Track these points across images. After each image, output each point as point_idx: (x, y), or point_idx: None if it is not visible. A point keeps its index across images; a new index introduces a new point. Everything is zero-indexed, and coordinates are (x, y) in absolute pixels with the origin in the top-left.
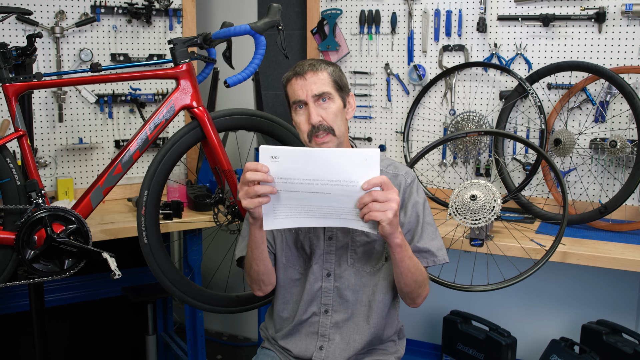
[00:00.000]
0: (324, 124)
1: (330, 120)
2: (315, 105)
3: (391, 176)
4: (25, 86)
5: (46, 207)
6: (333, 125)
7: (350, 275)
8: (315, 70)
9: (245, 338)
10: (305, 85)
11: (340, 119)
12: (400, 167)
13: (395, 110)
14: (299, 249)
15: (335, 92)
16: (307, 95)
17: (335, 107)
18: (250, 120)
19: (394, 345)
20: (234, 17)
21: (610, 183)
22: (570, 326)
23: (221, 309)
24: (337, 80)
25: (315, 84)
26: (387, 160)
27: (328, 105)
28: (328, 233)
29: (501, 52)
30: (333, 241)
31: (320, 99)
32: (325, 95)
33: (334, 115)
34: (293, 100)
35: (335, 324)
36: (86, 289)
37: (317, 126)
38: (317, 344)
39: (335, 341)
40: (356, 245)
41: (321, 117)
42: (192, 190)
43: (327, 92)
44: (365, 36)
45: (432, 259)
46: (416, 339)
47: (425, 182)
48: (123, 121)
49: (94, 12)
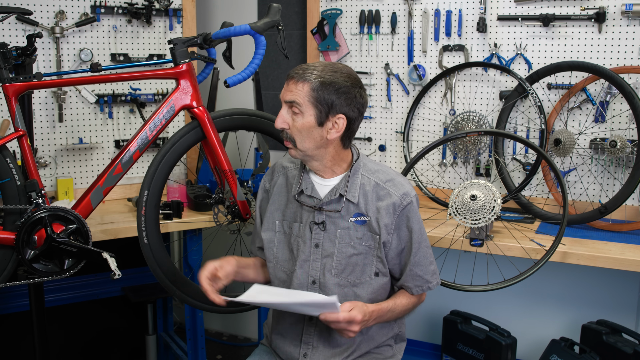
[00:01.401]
0: (287, 132)
1: (293, 131)
2: (288, 110)
3: (385, 193)
4: (25, 86)
5: (46, 207)
6: (295, 137)
7: (334, 286)
8: (298, 80)
9: (245, 338)
10: (287, 88)
11: (307, 135)
12: (399, 186)
13: (395, 110)
14: (290, 252)
15: (311, 107)
16: (283, 97)
17: (301, 121)
18: (250, 120)
19: (390, 349)
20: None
21: (610, 183)
22: (570, 326)
23: (221, 309)
24: (319, 97)
25: (291, 92)
26: (389, 175)
27: (296, 117)
28: (314, 240)
29: (501, 52)
30: (319, 249)
31: (292, 107)
32: (295, 107)
33: (298, 129)
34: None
35: (319, 332)
36: (86, 289)
37: (282, 131)
38: (301, 352)
39: (319, 349)
40: (342, 255)
41: (287, 124)
42: (192, 190)
43: (297, 102)
44: (365, 36)
45: (426, 285)
46: (416, 339)
47: (425, 182)
48: (123, 121)
49: (94, 12)
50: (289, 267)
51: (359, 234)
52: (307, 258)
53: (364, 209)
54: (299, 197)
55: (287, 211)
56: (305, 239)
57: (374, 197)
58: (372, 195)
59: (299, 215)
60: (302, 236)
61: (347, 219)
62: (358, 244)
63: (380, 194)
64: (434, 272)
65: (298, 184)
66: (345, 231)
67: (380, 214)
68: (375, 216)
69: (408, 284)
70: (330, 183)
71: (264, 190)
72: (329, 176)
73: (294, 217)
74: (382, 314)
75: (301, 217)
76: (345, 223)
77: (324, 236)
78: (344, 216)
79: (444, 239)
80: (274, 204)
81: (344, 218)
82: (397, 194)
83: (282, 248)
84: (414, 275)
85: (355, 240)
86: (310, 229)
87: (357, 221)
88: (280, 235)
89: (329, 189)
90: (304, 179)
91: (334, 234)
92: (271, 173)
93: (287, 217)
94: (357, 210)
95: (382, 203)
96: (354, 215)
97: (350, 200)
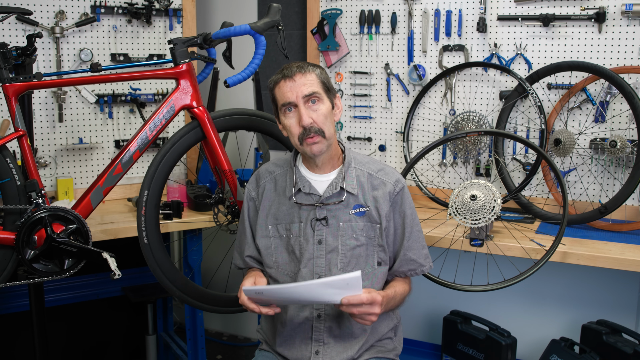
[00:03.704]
0: (315, 126)
1: (320, 122)
2: (306, 107)
3: (379, 182)
4: (25, 86)
5: (46, 207)
6: (323, 127)
7: None
8: (303, 72)
9: (245, 338)
10: (295, 87)
11: (330, 120)
12: (390, 174)
13: (395, 110)
14: (290, 254)
15: (324, 93)
16: (297, 96)
17: (324, 108)
18: (250, 120)
19: (391, 342)
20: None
21: (610, 183)
22: (570, 326)
23: (221, 309)
24: (325, 82)
25: (305, 85)
26: (378, 165)
27: (318, 107)
28: (317, 237)
29: (501, 52)
30: (323, 245)
31: (310, 100)
32: (314, 96)
33: (324, 117)
34: (282, 102)
35: (329, 328)
36: (86, 289)
37: (309, 128)
38: (312, 349)
39: (331, 345)
40: (346, 248)
41: (312, 119)
42: (192, 190)
43: (317, 92)
44: (365, 36)
45: (420, 269)
46: (416, 339)
47: (425, 182)
48: (123, 121)
49: (94, 12)
50: (292, 269)
51: (360, 225)
52: (311, 256)
53: (363, 199)
54: (296, 197)
55: (279, 214)
56: (308, 237)
57: (369, 187)
58: (368, 185)
59: (297, 216)
60: (303, 235)
61: (347, 212)
62: (360, 235)
63: (375, 184)
64: (426, 255)
65: (293, 185)
66: (347, 224)
67: (379, 203)
68: (375, 205)
69: (402, 269)
70: (328, 178)
71: (249, 199)
72: (328, 170)
73: (290, 219)
74: (389, 300)
75: (299, 216)
76: (346, 216)
77: (327, 231)
78: (345, 209)
79: (444, 239)
80: (263, 210)
81: (345, 211)
82: (391, 182)
83: (280, 252)
84: (407, 260)
85: (357, 232)
86: (312, 226)
87: (357, 213)
88: (276, 239)
89: (326, 184)
90: (298, 178)
91: (336, 227)
92: (255, 181)
93: (282, 220)
94: (356, 202)
95: (377, 192)
96: (353, 207)
97: (351, 192)
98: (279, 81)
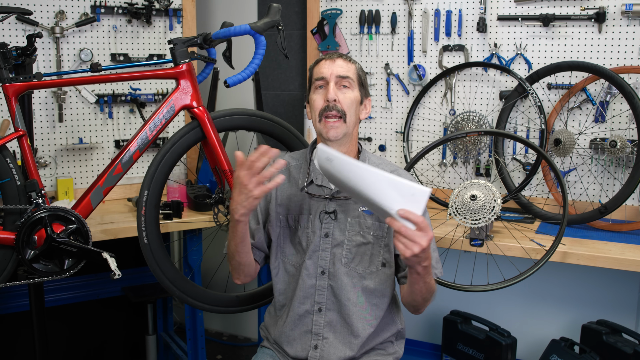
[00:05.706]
0: (338, 105)
1: (345, 105)
2: (336, 87)
3: None
4: (25, 86)
5: (46, 207)
6: (347, 111)
7: (343, 275)
8: (346, 60)
9: (245, 338)
10: (333, 66)
11: (355, 110)
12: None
13: (395, 110)
14: (296, 245)
15: (357, 85)
16: (331, 73)
17: (353, 95)
18: (250, 120)
19: (391, 345)
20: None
21: (610, 183)
22: (570, 326)
23: (221, 309)
24: (362, 77)
25: (342, 68)
26: (391, 166)
27: (347, 91)
28: (325, 230)
29: (501, 52)
30: (329, 239)
31: (342, 83)
32: (347, 81)
33: (350, 102)
34: (316, 77)
35: (329, 323)
36: (86, 289)
37: (332, 106)
38: (311, 343)
39: (329, 340)
40: (352, 244)
41: (338, 98)
42: (192, 190)
43: (350, 78)
44: (365, 36)
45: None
46: (416, 339)
47: (426, 182)
48: (123, 121)
49: (94, 12)
50: (297, 260)
51: (368, 223)
52: (317, 248)
53: None
54: (308, 188)
55: (291, 205)
56: (315, 229)
57: None
58: None
59: (307, 207)
60: (311, 227)
61: (357, 208)
62: (367, 232)
63: None
64: (437, 259)
65: (306, 177)
66: (355, 220)
67: None
68: None
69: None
70: None
71: None
72: None
73: (299, 210)
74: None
75: (309, 208)
76: (355, 212)
77: (334, 225)
78: (355, 205)
79: (444, 239)
80: (276, 199)
81: (355, 207)
82: None
83: (287, 242)
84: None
85: (364, 229)
86: (321, 219)
87: (366, 211)
88: (285, 229)
89: None
90: (312, 170)
91: (344, 222)
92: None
93: (292, 210)
94: None
95: None
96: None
97: None
98: (320, 60)
